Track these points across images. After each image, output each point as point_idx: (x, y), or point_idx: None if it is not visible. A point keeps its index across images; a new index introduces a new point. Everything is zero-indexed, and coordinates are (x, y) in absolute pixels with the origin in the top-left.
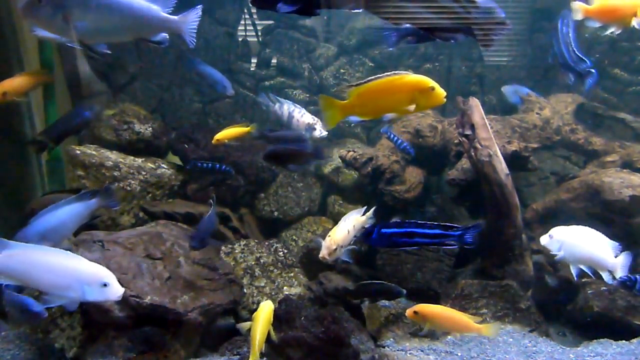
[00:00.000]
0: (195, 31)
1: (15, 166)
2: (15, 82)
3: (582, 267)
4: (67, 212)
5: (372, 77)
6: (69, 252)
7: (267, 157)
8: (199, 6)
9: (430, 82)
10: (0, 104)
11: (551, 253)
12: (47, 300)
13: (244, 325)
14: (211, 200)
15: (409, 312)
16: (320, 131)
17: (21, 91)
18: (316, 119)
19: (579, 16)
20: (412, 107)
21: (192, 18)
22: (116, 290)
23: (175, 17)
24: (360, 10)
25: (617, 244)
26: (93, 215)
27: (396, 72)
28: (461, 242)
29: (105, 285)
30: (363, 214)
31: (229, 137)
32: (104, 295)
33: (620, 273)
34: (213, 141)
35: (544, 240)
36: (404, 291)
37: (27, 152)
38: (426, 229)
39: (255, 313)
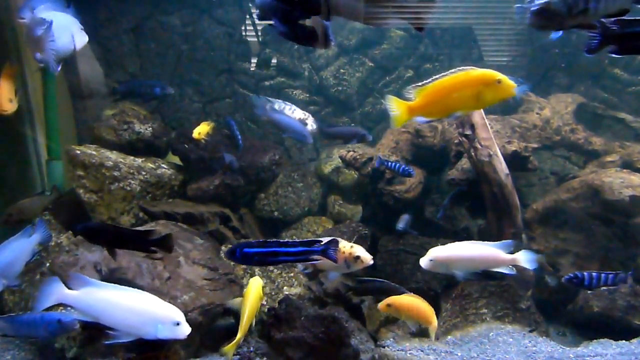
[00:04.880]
0: (53, 51)
1: (15, 166)
2: (6, 86)
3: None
4: (18, 249)
5: (437, 76)
6: (142, 291)
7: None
8: (48, 20)
9: (497, 75)
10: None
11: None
12: (115, 337)
13: (235, 302)
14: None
15: (381, 305)
16: (311, 125)
17: (15, 90)
18: (307, 114)
19: None
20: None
21: (43, 35)
22: (186, 329)
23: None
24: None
25: (509, 242)
26: (34, 250)
27: (461, 68)
28: (325, 256)
29: (177, 324)
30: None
31: (205, 133)
32: (175, 333)
33: (527, 265)
34: (195, 136)
35: (425, 264)
36: (406, 291)
37: (27, 152)
38: (289, 247)
39: (245, 290)
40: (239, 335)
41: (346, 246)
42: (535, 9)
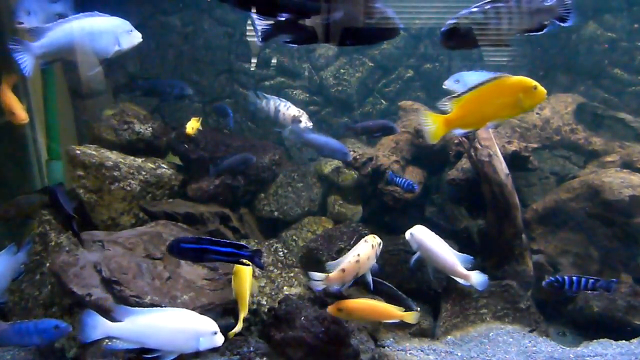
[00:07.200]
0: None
1: (15, 166)
2: (11, 95)
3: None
4: (5, 265)
5: (471, 87)
6: (180, 309)
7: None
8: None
9: (533, 82)
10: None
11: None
12: (161, 357)
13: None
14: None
15: (331, 309)
16: (306, 123)
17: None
18: (301, 111)
19: None
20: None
21: None
22: (222, 336)
23: None
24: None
25: (471, 257)
26: (21, 269)
27: (495, 76)
28: (252, 262)
29: (215, 333)
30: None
31: (196, 128)
32: (213, 342)
33: (477, 286)
34: (188, 131)
35: (407, 234)
36: (414, 305)
37: (27, 152)
38: (220, 246)
39: (235, 270)
40: (240, 317)
41: (373, 239)
42: (444, 29)
